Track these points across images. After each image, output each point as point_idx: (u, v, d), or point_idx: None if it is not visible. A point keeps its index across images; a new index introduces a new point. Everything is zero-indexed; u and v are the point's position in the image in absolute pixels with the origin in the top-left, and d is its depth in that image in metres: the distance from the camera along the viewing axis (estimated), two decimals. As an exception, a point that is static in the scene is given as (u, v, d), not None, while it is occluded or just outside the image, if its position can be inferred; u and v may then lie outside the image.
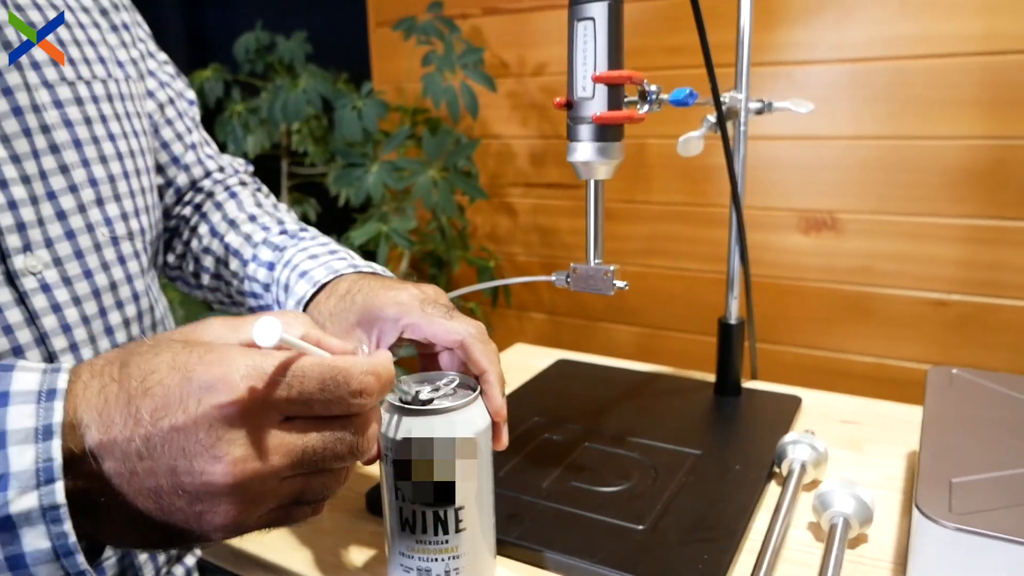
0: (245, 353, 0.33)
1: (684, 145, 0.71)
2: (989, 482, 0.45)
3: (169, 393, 0.32)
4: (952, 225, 1.33)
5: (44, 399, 0.32)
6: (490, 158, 1.79)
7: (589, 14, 0.50)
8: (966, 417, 0.54)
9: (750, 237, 1.51)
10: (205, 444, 0.32)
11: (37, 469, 0.31)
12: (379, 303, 0.51)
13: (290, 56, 1.74)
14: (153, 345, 0.34)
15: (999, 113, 1.25)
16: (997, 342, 1.33)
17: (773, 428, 0.67)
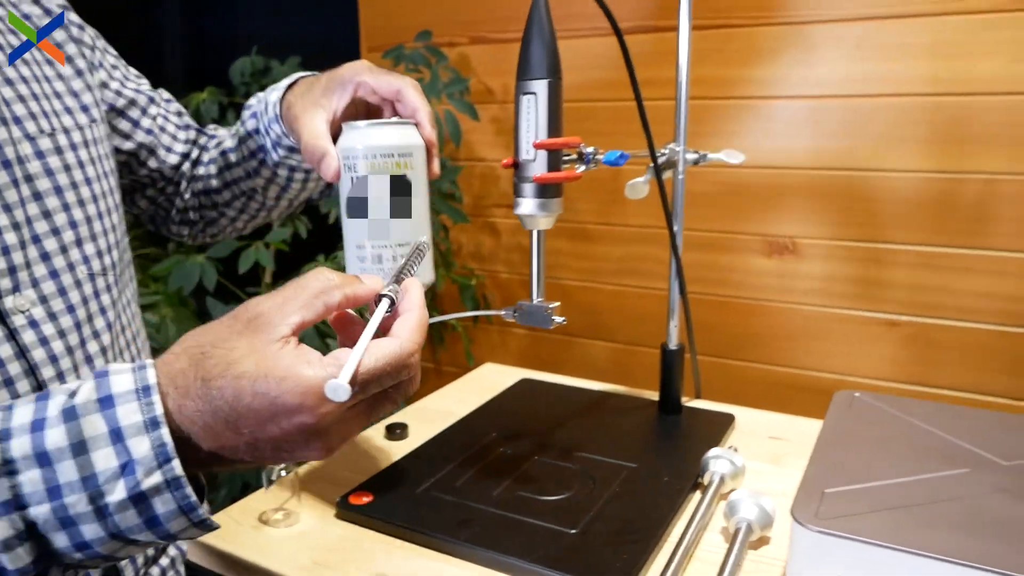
0: (316, 375, 0.39)
1: (631, 189, 0.80)
2: (858, 492, 0.53)
3: (261, 416, 0.39)
4: (903, 251, 1.41)
5: (143, 395, 0.39)
6: (475, 180, 1.87)
7: (532, 89, 0.58)
8: (856, 436, 0.63)
9: (719, 260, 1.59)
10: (300, 443, 0.41)
11: (155, 453, 0.38)
12: (339, 72, 0.63)
13: (284, 81, 1.82)
14: (227, 363, 0.39)
15: (946, 150, 1.34)
16: (942, 359, 1.41)
17: (703, 444, 0.76)
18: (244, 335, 0.40)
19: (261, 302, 0.41)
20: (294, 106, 0.65)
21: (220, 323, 0.42)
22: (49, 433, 0.38)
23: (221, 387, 0.39)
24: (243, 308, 0.42)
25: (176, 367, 0.40)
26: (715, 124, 1.53)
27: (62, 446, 0.38)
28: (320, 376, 0.38)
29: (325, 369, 0.39)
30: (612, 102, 1.64)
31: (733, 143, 1.52)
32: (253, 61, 1.85)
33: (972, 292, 1.37)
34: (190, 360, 0.40)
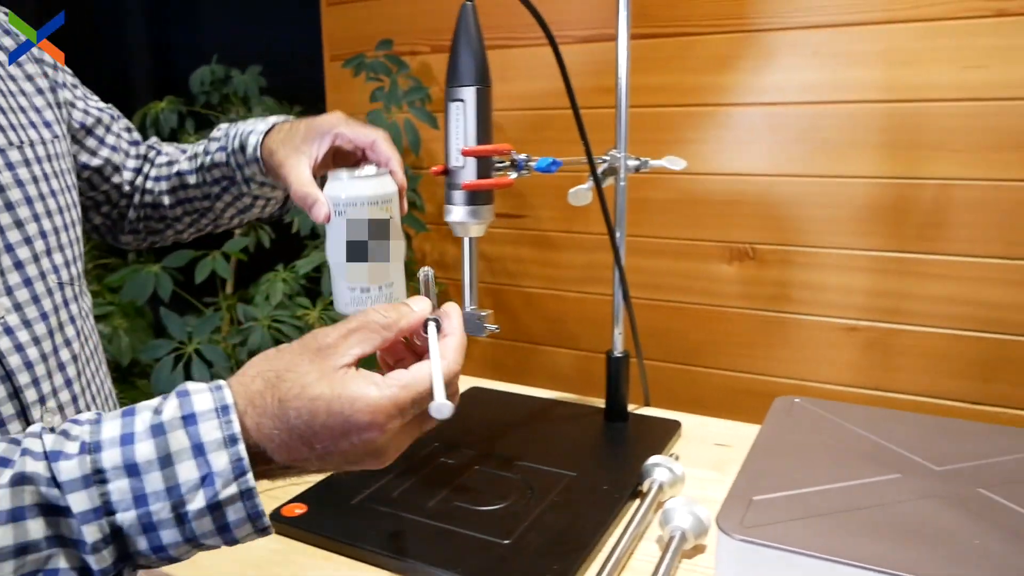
0: (383, 395, 0.43)
1: (574, 196, 0.80)
2: (786, 499, 0.53)
3: (334, 433, 0.43)
4: (860, 256, 1.41)
5: (222, 414, 0.42)
6: (438, 188, 1.86)
7: (461, 96, 0.58)
8: (790, 442, 0.62)
9: (679, 266, 1.60)
10: (364, 456, 0.44)
11: (233, 467, 0.41)
12: (318, 122, 0.69)
13: (244, 89, 1.81)
14: (301, 386, 0.43)
15: (900, 155, 1.35)
16: (899, 364, 1.42)
17: (647, 451, 0.76)
18: (314, 362, 0.44)
19: (328, 333, 0.45)
20: (276, 152, 0.70)
21: (289, 350, 0.45)
22: (138, 447, 0.41)
23: (298, 408, 0.42)
24: (311, 337, 0.46)
25: (254, 388, 0.43)
26: (675, 131, 1.53)
27: (151, 459, 0.41)
28: (387, 396, 0.43)
29: (390, 389, 0.43)
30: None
31: (693, 151, 1.52)
32: (213, 70, 1.83)
33: (929, 297, 1.38)
34: (266, 383, 0.43)
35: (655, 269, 1.61)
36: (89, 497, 0.40)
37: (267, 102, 1.80)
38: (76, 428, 0.42)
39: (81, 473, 0.40)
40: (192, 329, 1.35)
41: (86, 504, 0.40)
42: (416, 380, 0.45)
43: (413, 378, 0.44)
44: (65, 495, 0.39)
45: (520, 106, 1.71)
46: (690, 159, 1.55)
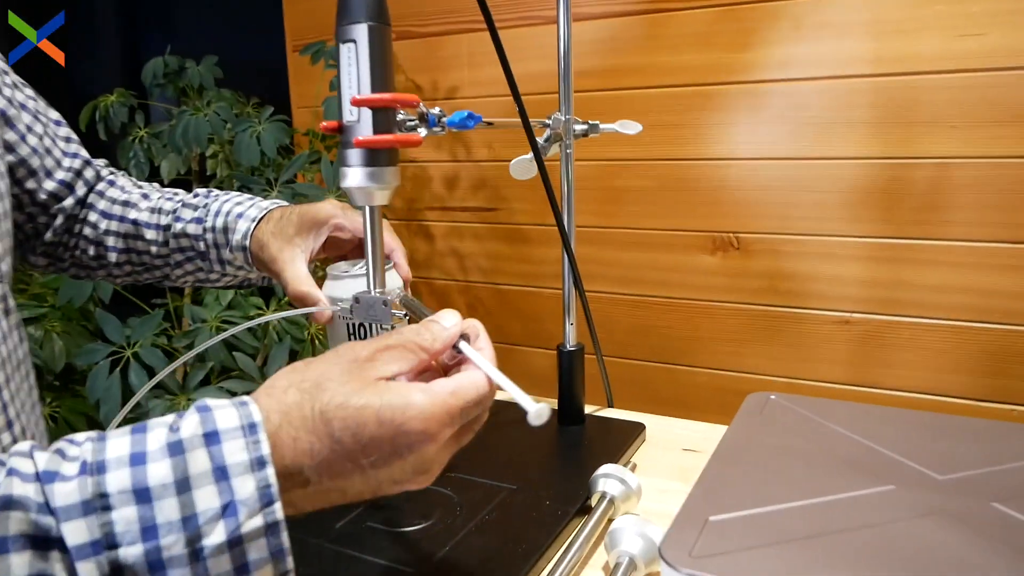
0: (435, 402, 0.40)
1: (517, 168, 0.69)
2: (751, 519, 0.43)
3: (383, 445, 0.39)
4: (852, 243, 1.33)
5: (248, 433, 0.37)
6: (407, 182, 1.77)
7: (351, 36, 0.48)
8: (761, 446, 0.52)
9: (660, 259, 1.50)
10: (412, 472, 0.41)
11: (259, 495, 0.36)
12: (313, 212, 0.66)
13: (200, 80, 1.71)
14: (345, 395, 0.39)
15: (891, 133, 1.26)
16: (897, 359, 1.33)
17: (600, 459, 0.65)
18: (352, 372, 0.40)
19: (363, 346, 0.42)
20: (268, 246, 0.67)
21: (318, 361, 0.42)
22: (152, 468, 0.36)
23: (344, 418, 0.39)
24: (345, 348, 0.42)
25: (288, 400, 0.39)
26: (652, 114, 1.43)
27: (165, 482, 0.35)
28: (439, 403, 0.40)
29: (440, 396, 0.40)
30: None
31: (671, 135, 1.43)
32: (166, 61, 1.73)
33: (927, 286, 1.28)
34: (302, 393, 0.39)
35: (632, 262, 1.52)
36: (88, 527, 0.34)
37: (225, 94, 1.70)
38: (73, 448, 0.37)
39: (81, 498, 0.34)
40: (131, 331, 1.24)
41: (84, 536, 0.34)
42: (463, 387, 0.42)
43: (460, 385, 0.41)
44: (60, 524, 0.34)
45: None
46: (668, 144, 1.48)
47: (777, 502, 0.44)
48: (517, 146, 1.60)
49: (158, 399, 1.29)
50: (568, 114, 0.66)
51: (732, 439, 0.53)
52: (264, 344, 1.44)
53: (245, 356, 1.39)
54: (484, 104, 1.61)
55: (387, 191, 0.50)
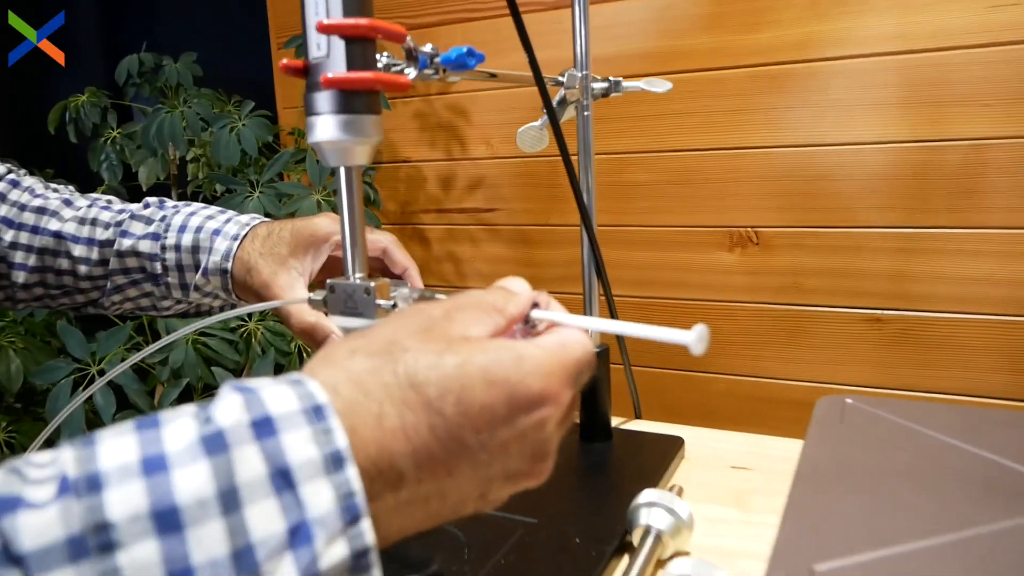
0: (549, 355, 0.31)
1: (525, 137, 0.59)
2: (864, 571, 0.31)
3: (497, 415, 0.29)
4: (882, 235, 1.24)
5: (315, 418, 0.26)
6: (400, 183, 1.67)
7: (318, -56, 0.37)
8: (851, 464, 0.41)
9: (673, 258, 1.40)
10: (532, 457, 0.31)
11: (341, 508, 0.25)
12: (310, 228, 0.57)
13: (177, 79, 1.60)
14: (436, 353, 0.29)
15: (921, 114, 1.17)
16: (933, 359, 1.23)
17: (637, 483, 0.54)
18: (433, 331, 0.30)
19: (432, 307, 0.33)
20: (259, 268, 0.57)
21: (382, 325, 0.32)
22: (181, 476, 0.23)
23: (441, 380, 0.28)
24: (408, 311, 0.33)
25: (358, 367, 0.29)
26: (660, 103, 1.34)
27: (204, 496, 0.23)
28: (554, 357, 0.31)
29: (550, 349, 0.31)
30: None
31: (681, 123, 1.34)
32: (142, 59, 1.62)
33: (964, 278, 1.19)
34: (373, 357, 0.29)
35: (645, 262, 1.42)
36: None
37: (205, 94, 1.59)
38: (41, 459, 0.24)
39: (66, 533, 0.22)
40: (97, 346, 1.13)
41: None
42: (569, 341, 0.32)
43: (565, 338, 0.32)
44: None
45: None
46: (678, 134, 1.38)
47: (901, 541, 0.33)
48: (516, 141, 1.50)
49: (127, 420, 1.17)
50: (585, 69, 0.56)
51: (815, 455, 0.42)
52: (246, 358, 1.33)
53: (225, 372, 1.27)
54: (482, 99, 1.51)
55: (366, 146, 0.39)
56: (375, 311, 0.40)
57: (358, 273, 0.41)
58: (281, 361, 1.36)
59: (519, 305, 0.34)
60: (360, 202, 0.41)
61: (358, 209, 0.41)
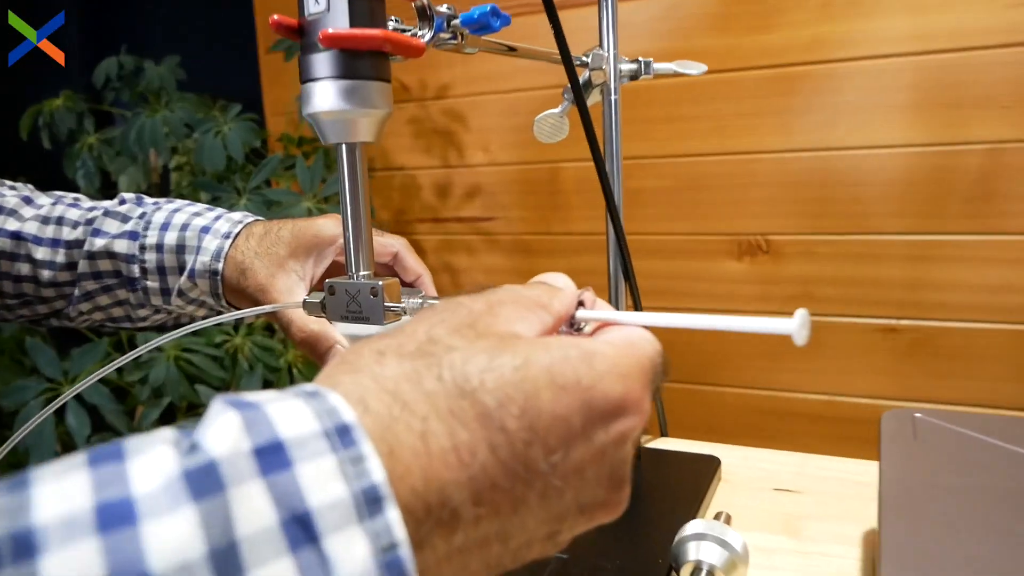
0: (625, 354, 0.25)
1: (542, 126, 0.53)
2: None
3: (571, 428, 0.23)
4: (897, 242, 1.19)
5: (339, 441, 0.20)
6: (394, 192, 1.61)
7: None
8: (939, 488, 0.35)
9: (681, 266, 1.34)
10: (608, 485, 0.25)
11: (380, 566, 0.19)
12: (313, 229, 0.51)
13: (159, 82, 1.54)
14: (490, 353, 0.23)
15: (938, 117, 1.13)
16: (950, 370, 1.18)
17: (676, 510, 0.48)
18: (477, 327, 0.24)
19: (471, 300, 0.26)
20: (254, 270, 0.51)
21: (415, 322, 0.25)
22: (154, 531, 0.17)
23: (500, 386, 0.22)
24: (442, 305, 0.26)
25: (391, 372, 0.22)
26: (666, 107, 1.29)
27: (189, 559, 0.16)
28: (628, 354, 0.25)
29: (620, 346, 0.25)
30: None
31: (689, 129, 1.29)
32: (122, 61, 1.56)
33: (981, 286, 1.15)
34: (409, 360, 0.23)
35: (651, 271, 1.36)
36: None
37: (189, 98, 1.53)
38: None
39: None
40: (70, 364, 1.06)
41: None
42: (636, 338, 0.27)
43: (630, 335, 0.27)
44: None
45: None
46: (686, 138, 1.33)
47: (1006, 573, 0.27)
48: (517, 148, 1.44)
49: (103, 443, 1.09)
50: (613, 49, 0.50)
51: (896, 478, 0.36)
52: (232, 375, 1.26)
53: (209, 389, 1.20)
54: (479, 104, 1.46)
55: (373, 119, 0.33)
56: (383, 315, 0.34)
57: (363, 271, 0.35)
58: (270, 377, 1.29)
59: (565, 302, 0.28)
60: (366, 188, 0.35)
61: (363, 196, 0.35)
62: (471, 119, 1.48)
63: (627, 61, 0.52)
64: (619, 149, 0.52)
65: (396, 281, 0.36)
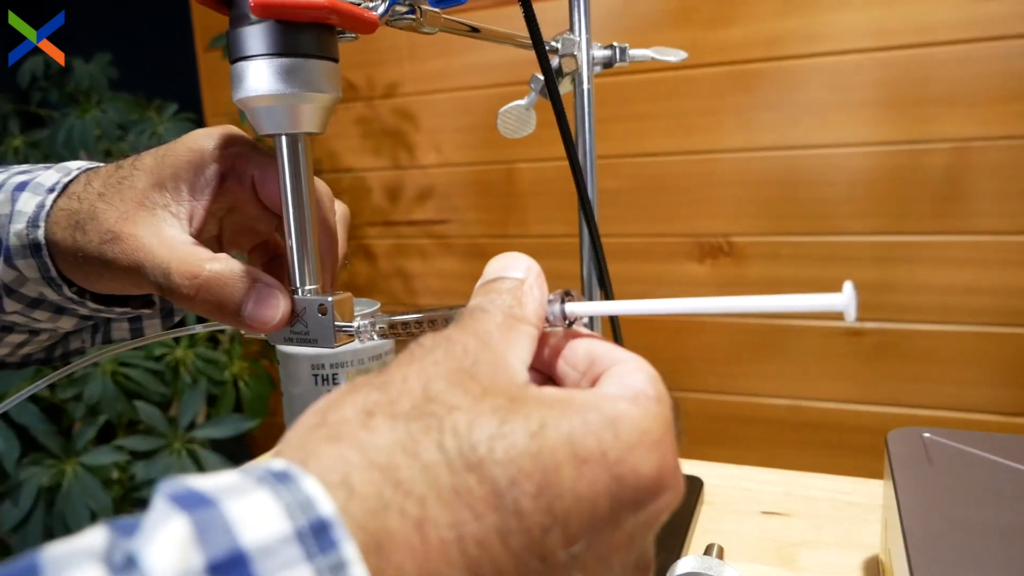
0: (652, 414, 0.21)
1: (504, 120, 0.48)
2: None
3: (596, 512, 0.19)
4: (861, 243, 1.17)
5: (318, 547, 0.15)
6: (343, 195, 1.54)
7: None
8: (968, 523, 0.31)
9: (640, 269, 1.31)
10: (634, 566, 0.21)
11: None
12: (184, 144, 0.34)
13: (89, 82, 1.45)
14: (499, 420, 0.18)
15: (904, 115, 1.11)
16: (916, 373, 1.17)
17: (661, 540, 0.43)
18: (475, 374, 0.20)
19: (457, 336, 0.21)
20: (101, 216, 0.33)
21: (407, 363, 0.20)
22: None
23: (511, 460, 0.18)
24: (432, 340, 0.21)
25: (382, 441, 0.18)
26: (626, 105, 1.25)
27: None
28: (653, 409, 0.21)
29: (641, 396, 0.21)
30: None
31: (649, 127, 1.25)
32: (47, 60, 1.46)
33: (948, 287, 1.14)
34: (401, 423, 0.18)
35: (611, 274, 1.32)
36: None
37: (122, 98, 1.44)
38: None
39: None
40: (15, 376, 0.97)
41: None
42: (650, 389, 0.22)
43: (640, 385, 0.22)
44: None
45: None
46: (644, 136, 1.30)
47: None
48: (470, 148, 1.39)
49: (35, 465, 1.01)
50: (586, 33, 0.45)
51: (916, 510, 0.32)
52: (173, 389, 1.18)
53: (149, 405, 1.12)
54: (430, 102, 1.40)
55: (317, 106, 0.28)
56: (334, 336, 0.29)
57: (308, 285, 0.30)
58: (214, 391, 1.21)
59: (533, 305, 0.24)
60: (311, 189, 0.30)
61: (307, 198, 0.29)
62: (422, 118, 1.43)
63: (601, 47, 0.47)
64: (592, 144, 0.47)
65: (348, 296, 0.30)
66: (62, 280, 0.36)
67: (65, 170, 0.37)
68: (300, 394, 0.43)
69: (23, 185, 0.36)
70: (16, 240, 0.35)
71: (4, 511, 0.93)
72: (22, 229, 0.35)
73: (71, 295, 0.36)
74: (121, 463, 1.05)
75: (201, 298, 0.31)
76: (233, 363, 1.23)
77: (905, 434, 0.40)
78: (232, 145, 0.33)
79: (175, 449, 1.07)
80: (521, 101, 0.48)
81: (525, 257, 0.26)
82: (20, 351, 0.42)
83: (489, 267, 0.25)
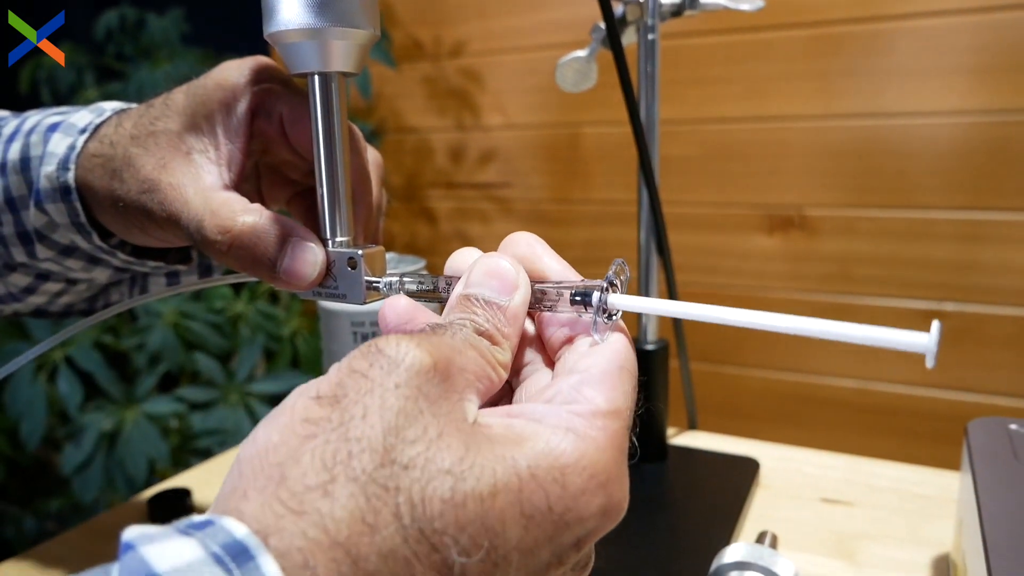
0: (602, 447, 0.21)
1: (563, 72, 0.45)
2: None
3: (539, 558, 0.20)
4: (945, 220, 1.11)
5: None
6: (406, 155, 1.54)
7: None
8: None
9: (707, 241, 1.26)
10: (571, 570, 0.23)
11: None
12: (213, 79, 0.33)
13: (163, 36, 1.47)
14: (453, 460, 0.19)
15: (999, 82, 1.04)
16: (1001, 360, 1.10)
17: (712, 526, 0.41)
18: (435, 410, 0.20)
19: (405, 348, 0.21)
20: (137, 163, 0.32)
21: (371, 396, 0.20)
22: None
23: (463, 525, 0.19)
24: (391, 364, 0.20)
25: (341, 510, 0.18)
26: (695, 69, 1.19)
27: None
28: (603, 438, 0.21)
29: (596, 421, 0.22)
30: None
31: (717, 91, 1.19)
32: (123, 14, 1.48)
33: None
34: (358, 484, 0.18)
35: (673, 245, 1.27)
36: None
37: (194, 53, 1.45)
38: None
39: None
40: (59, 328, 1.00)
41: None
42: (606, 388, 0.23)
43: (611, 376, 0.23)
44: None
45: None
46: (716, 102, 1.24)
47: None
48: (536, 110, 1.36)
49: (98, 411, 1.05)
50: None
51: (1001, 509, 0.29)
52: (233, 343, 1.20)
53: (208, 357, 1.14)
54: (497, 63, 1.38)
55: (353, 43, 0.26)
56: (364, 293, 0.27)
57: (340, 236, 0.28)
58: (272, 346, 1.23)
59: (507, 321, 0.25)
60: (345, 134, 0.28)
61: (340, 144, 0.28)
62: (488, 80, 1.40)
63: (669, -6, 0.44)
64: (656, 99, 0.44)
65: (380, 250, 0.29)
66: (92, 227, 0.35)
67: (99, 111, 0.36)
68: (339, 350, 0.42)
69: (55, 126, 0.35)
70: (47, 183, 0.34)
71: (67, 453, 0.97)
72: (52, 171, 0.34)
73: (100, 243, 0.35)
74: (180, 412, 1.08)
75: (234, 253, 0.30)
76: (292, 319, 1.25)
77: (988, 424, 0.36)
78: (262, 80, 0.32)
79: (231, 402, 1.09)
80: (580, 52, 0.45)
81: (510, 267, 0.26)
82: (59, 300, 0.41)
83: (475, 270, 0.26)
